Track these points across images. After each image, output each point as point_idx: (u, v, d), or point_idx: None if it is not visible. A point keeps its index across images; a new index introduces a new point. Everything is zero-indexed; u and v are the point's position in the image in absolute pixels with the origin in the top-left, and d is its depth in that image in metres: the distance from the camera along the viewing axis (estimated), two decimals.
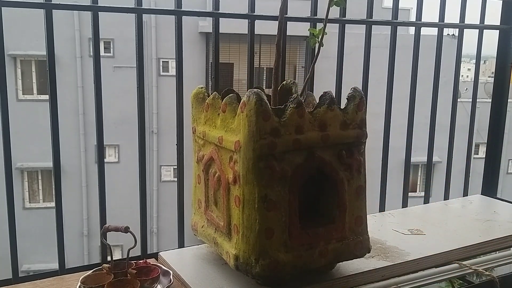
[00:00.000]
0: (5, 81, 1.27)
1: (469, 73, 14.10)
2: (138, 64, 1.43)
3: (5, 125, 1.29)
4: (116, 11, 1.38)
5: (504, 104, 2.12)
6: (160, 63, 10.67)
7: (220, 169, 1.19)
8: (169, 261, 1.36)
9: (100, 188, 1.44)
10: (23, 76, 10.50)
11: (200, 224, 1.32)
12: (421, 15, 1.87)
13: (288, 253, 1.10)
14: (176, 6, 1.45)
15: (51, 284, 1.26)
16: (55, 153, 1.36)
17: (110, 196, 1.51)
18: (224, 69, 10.11)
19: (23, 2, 1.32)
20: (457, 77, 2.03)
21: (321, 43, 1.31)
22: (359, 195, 1.20)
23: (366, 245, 1.22)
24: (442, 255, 1.41)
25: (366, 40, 1.79)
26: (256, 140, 1.05)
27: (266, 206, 1.07)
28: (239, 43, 8.11)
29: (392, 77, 1.86)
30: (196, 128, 1.32)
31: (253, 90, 1.07)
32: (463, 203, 1.98)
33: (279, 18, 1.27)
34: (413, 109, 1.92)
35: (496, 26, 2.07)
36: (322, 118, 1.13)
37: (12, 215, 1.32)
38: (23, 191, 10.62)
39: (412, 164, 2.14)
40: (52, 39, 1.31)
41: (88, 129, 10.16)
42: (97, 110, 1.40)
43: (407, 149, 1.97)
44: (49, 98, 1.33)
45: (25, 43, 9.54)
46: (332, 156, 1.15)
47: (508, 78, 2.10)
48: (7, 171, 1.31)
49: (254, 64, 1.61)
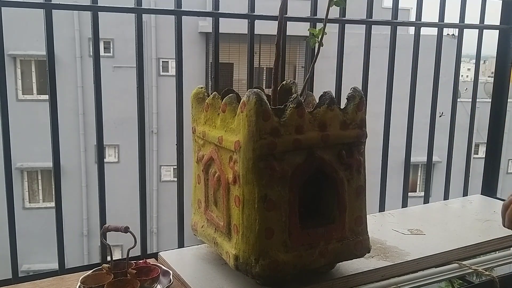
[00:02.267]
0: (5, 81, 1.27)
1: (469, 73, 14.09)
2: (138, 64, 1.43)
3: (5, 125, 1.29)
4: (116, 11, 1.38)
5: (504, 104, 2.12)
6: (160, 63, 10.67)
7: (220, 169, 1.19)
8: (169, 261, 1.36)
9: (100, 188, 1.44)
10: (23, 76, 10.51)
11: (200, 224, 1.32)
12: (421, 15, 1.87)
13: (288, 253, 1.10)
14: (176, 6, 1.45)
15: (51, 284, 1.26)
16: (55, 153, 1.36)
17: (110, 196, 1.51)
18: (224, 69, 10.11)
19: (23, 2, 1.32)
20: (457, 77, 2.03)
21: (321, 43, 1.31)
22: (359, 195, 1.20)
23: (366, 245, 1.22)
24: (442, 255, 1.41)
25: (366, 40, 1.79)
26: (256, 140, 1.05)
27: (266, 206, 1.07)
28: (239, 43, 8.11)
29: (392, 77, 1.86)
30: (196, 128, 1.32)
31: (253, 90, 1.07)
32: (463, 203, 1.98)
33: (279, 18, 1.27)
34: (413, 109, 1.92)
35: (496, 26, 2.07)
36: (322, 118, 1.13)
37: (12, 215, 1.32)
38: (23, 191, 10.62)
39: (412, 164, 2.14)
40: (52, 39, 1.31)
41: (88, 129, 10.16)
42: (97, 110, 1.40)
43: (407, 149, 1.97)
44: (49, 98, 1.33)
45: (25, 43, 9.54)
46: (332, 156, 1.15)
47: (508, 78, 2.10)
48: (7, 171, 1.31)
49: (254, 64, 1.61)
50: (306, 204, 1.16)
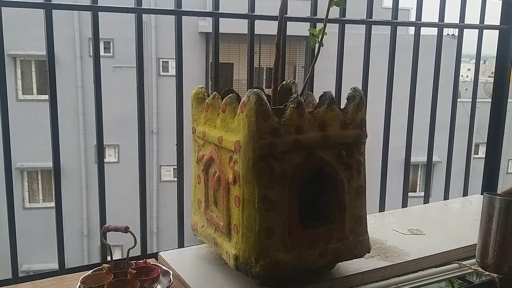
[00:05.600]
0: (5, 81, 1.27)
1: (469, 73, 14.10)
2: (138, 64, 1.43)
3: (5, 125, 1.29)
4: (116, 11, 1.38)
5: (504, 104, 2.12)
6: (160, 63, 10.68)
7: (220, 169, 1.19)
8: (169, 261, 1.36)
9: (100, 188, 1.44)
10: (23, 76, 10.51)
11: (200, 224, 1.32)
12: (421, 15, 1.87)
13: (288, 253, 1.10)
14: (176, 6, 1.45)
15: (51, 284, 1.26)
16: (55, 153, 1.36)
17: (110, 196, 1.51)
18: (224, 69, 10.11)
19: (23, 2, 1.32)
20: (457, 77, 2.03)
21: (321, 43, 1.31)
22: (359, 195, 1.20)
23: (366, 245, 1.22)
24: (442, 255, 1.41)
25: (366, 40, 1.79)
26: (256, 140, 1.05)
27: (266, 206, 1.07)
28: (239, 43, 8.11)
29: (392, 77, 1.86)
30: (196, 128, 1.32)
31: (253, 90, 1.07)
32: (463, 203, 1.98)
33: (279, 18, 1.27)
34: (413, 109, 1.92)
35: (496, 26, 2.07)
36: (322, 118, 1.13)
37: (12, 215, 1.32)
38: (23, 191, 10.62)
39: (412, 164, 2.14)
40: (52, 39, 1.31)
41: (88, 129, 10.17)
42: (97, 110, 1.40)
43: (407, 149, 1.97)
44: (49, 98, 1.33)
45: (25, 43, 9.54)
46: (332, 156, 1.15)
47: (508, 78, 2.10)
48: (7, 171, 1.31)
49: (254, 64, 1.61)
50: (306, 204, 1.15)
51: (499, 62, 2.10)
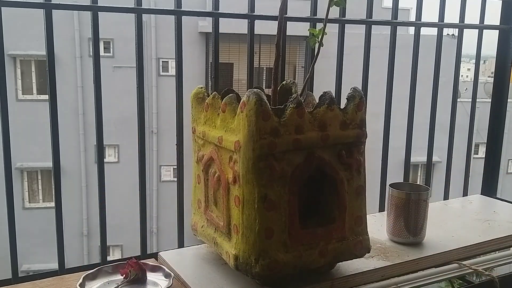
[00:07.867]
0: (5, 81, 1.27)
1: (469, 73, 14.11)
2: (138, 64, 1.43)
3: (5, 125, 1.29)
4: (116, 11, 1.38)
5: (504, 104, 2.12)
6: (160, 63, 10.68)
7: (220, 169, 1.19)
8: (169, 261, 1.35)
9: (100, 188, 1.44)
10: (22, 76, 10.51)
11: (200, 224, 1.32)
12: (420, 15, 1.87)
13: (288, 253, 1.10)
14: (176, 6, 1.45)
15: (51, 284, 1.26)
16: (55, 153, 1.36)
17: (110, 196, 1.51)
18: (224, 69, 10.12)
19: (23, 2, 1.32)
20: (457, 77, 2.03)
21: (321, 43, 1.31)
22: (359, 195, 1.20)
23: (366, 245, 1.22)
24: (442, 255, 1.41)
25: (366, 40, 1.79)
26: (256, 140, 1.05)
27: (266, 206, 1.07)
28: (239, 43, 8.11)
29: (392, 77, 1.86)
30: (196, 128, 1.32)
31: (253, 90, 1.06)
32: (463, 203, 1.98)
33: (279, 18, 1.27)
34: (413, 109, 1.92)
35: (496, 26, 2.07)
36: (322, 118, 1.13)
37: (12, 215, 1.32)
38: (23, 191, 10.63)
39: (412, 164, 2.14)
40: (52, 39, 1.31)
41: (88, 129, 10.17)
42: (97, 110, 1.40)
43: (407, 149, 1.97)
44: (48, 98, 1.33)
45: (25, 43, 9.55)
46: (332, 156, 1.15)
47: (508, 78, 2.10)
48: (7, 171, 1.31)
49: (254, 64, 1.61)
50: (306, 204, 1.15)
51: (499, 62, 2.10)
